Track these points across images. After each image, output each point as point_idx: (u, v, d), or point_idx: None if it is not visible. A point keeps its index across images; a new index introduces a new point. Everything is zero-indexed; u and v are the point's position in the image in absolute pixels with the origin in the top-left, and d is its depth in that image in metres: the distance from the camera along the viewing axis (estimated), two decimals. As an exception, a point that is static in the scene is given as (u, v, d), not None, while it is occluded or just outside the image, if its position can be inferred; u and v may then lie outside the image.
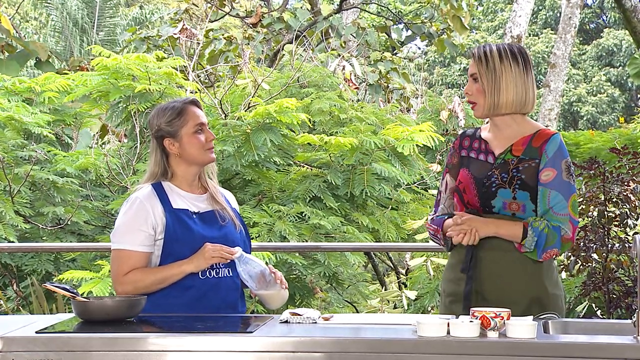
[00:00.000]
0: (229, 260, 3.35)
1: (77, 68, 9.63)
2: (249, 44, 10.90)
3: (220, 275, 3.39)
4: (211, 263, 3.32)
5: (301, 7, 12.97)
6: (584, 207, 4.95)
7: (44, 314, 5.57)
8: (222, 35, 11.36)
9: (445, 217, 3.44)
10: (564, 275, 5.36)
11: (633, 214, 4.91)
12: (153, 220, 3.36)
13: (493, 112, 3.37)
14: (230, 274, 3.42)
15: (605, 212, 4.90)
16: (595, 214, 4.93)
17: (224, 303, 3.39)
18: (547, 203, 3.29)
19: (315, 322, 3.01)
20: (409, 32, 13.67)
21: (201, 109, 3.50)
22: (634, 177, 4.95)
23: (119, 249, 3.37)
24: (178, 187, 3.45)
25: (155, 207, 3.37)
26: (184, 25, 9.75)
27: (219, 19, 13.17)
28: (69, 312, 4.55)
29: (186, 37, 9.52)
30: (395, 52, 13.77)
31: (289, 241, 6.26)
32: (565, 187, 3.31)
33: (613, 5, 26.95)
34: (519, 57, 3.37)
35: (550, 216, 3.28)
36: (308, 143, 7.02)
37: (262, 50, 11.57)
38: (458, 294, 3.36)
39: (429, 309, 6.25)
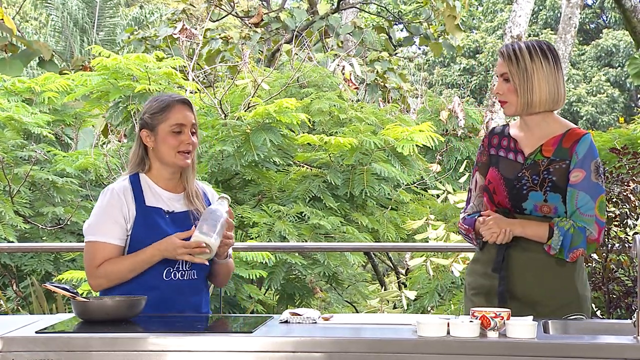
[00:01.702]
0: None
1: (80, 68, 9.63)
2: (245, 43, 10.89)
3: (185, 278, 3.33)
4: (175, 256, 3.25)
5: (298, 7, 12.96)
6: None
7: (44, 314, 5.57)
8: (219, 35, 11.35)
9: (477, 216, 3.43)
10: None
11: (633, 214, 4.91)
12: (125, 213, 3.31)
13: (526, 111, 3.35)
14: (196, 276, 3.36)
15: (605, 212, 4.90)
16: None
17: (188, 305, 3.32)
18: (575, 204, 3.29)
19: (315, 322, 3.00)
20: (407, 34, 13.67)
21: (191, 111, 3.42)
22: (633, 177, 4.95)
23: (92, 241, 3.31)
24: (155, 182, 3.39)
25: (128, 201, 3.32)
26: (183, 25, 9.76)
27: (221, 19, 13.17)
28: (68, 312, 4.55)
29: (186, 37, 9.53)
30: (395, 52, 13.77)
31: (288, 241, 6.26)
32: (594, 189, 3.30)
33: (613, 5, 26.96)
34: (548, 53, 3.34)
35: (576, 217, 3.28)
36: (308, 143, 7.02)
37: (260, 50, 11.57)
38: (483, 288, 3.37)
39: (429, 309, 6.25)
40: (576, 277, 3.34)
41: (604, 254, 4.89)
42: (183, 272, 3.33)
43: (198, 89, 7.62)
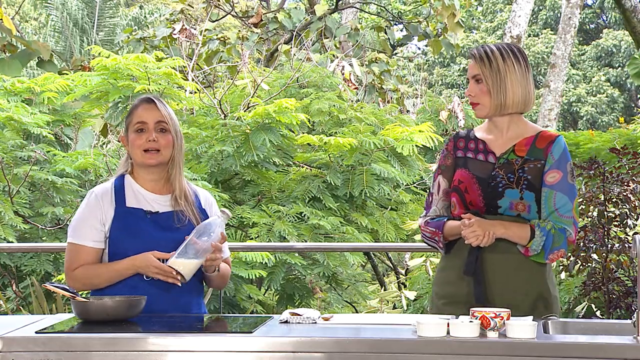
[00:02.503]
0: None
1: (79, 68, 9.62)
2: (242, 44, 10.89)
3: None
4: (148, 273, 3.24)
5: (295, 7, 12.95)
6: (584, 207, 4.95)
7: (44, 314, 5.57)
8: (216, 35, 11.35)
9: (444, 219, 3.40)
10: (563, 275, 5.36)
11: (633, 214, 4.91)
12: (102, 217, 3.32)
13: (498, 113, 3.35)
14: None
15: (605, 212, 4.91)
16: (595, 214, 4.93)
17: (174, 306, 3.30)
18: (553, 205, 3.28)
19: (315, 322, 3.00)
20: (406, 33, 13.67)
21: (157, 109, 3.36)
22: (633, 177, 4.96)
23: (71, 242, 3.33)
24: (140, 184, 3.39)
25: (106, 204, 3.33)
26: (183, 25, 9.75)
27: (220, 19, 13.17)
28: (68, 312, 4.55)
29: (185, 37, 9.53)
30: (395, 52, 13.77)
31: (288, 241, 6.26)
32: (571, 190, 3.31)
33: (613, 5, 26.97)
34: (519, 56, 3.36)
35: (555, 218, 3.28)
36: (307, 143, 7.02)
37: (258, 50, 11.57)
38: (455, 296, 3.34)
39: (429, 309, 6.25)
40: (547, 277, 3.34)
41: (604, 254, 4.89)
42: None
43: (198, 89, 7.62)
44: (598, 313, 5.08)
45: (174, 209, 3.37)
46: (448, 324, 2.75)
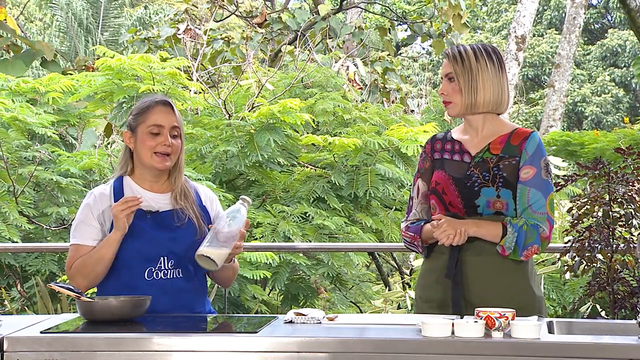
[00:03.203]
0: (137, 207, 3.23)
1: (83, 68, 9.64)
2: (246, 44, 10.89)
3: (168, 277, 3.32)
4: (124, 220, 3.21)
5: (300, 7, 12.95)
6: (588, 207, 4.94)
7: (49, 314, 5.58)
8: (220, 35, 11.36)
9: (422, 223, 3.40)
10: (567, 275, 5.35)
11: (638, 214, 4.90)
12: (101, 217, 3.33)
13: (470, 111, 3.35)
14: (181, 274, 3.33)
15: (610, 213, 4.89)
16: (600, 214, 4.92)
17: (176, 305, 3.30)
18: (527, 201, 3.27)
19: (320, 323, 3.00)
20: (410, 32, 13.67)
21: (173, 113, 3.37)
22: (638, 178, 4.94)
23: (72, 243, 3.36)
24: (138, 184, 3.39)
25: (105, 205, 3.34)
26: (187, 25, 9.76)
27: (224, 19, 13.18)
28: (73, 312, 4.55)
29: (190, 37, 9.53)
30: (399, 52, 13.77)
31: (292, 241, 6.26)
32: (544, 186, 3.30)
33: (618, 5, 26.92)
34: (493, 56, 3.35)
35: (528, 214, 3.27)
36: (312, 144, 7.02)
37: (262, 50, 11.57)
38: (436, 299, 3.33)
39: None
40: (530, 278, 3.33)
41: (608, 254, 4.88)
42: (166, 272, 3.32)
43: (202, 89, 7.62)
44: (603, 313, 5.08)
45: (173, 207, 3.37)
46: (453, 324, 2.75)
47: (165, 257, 3.31)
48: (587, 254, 4.90)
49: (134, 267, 3.30)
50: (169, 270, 3.32)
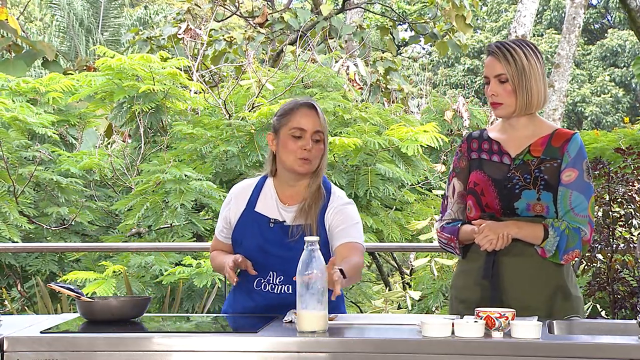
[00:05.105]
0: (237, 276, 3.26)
1: (84, 68, 9.64)
2: (248, 44, 10.90)
3: (275, 292, 3.28)
4: (231, 272, 3.20)
5: (302, 7, 12.96)
6: (589, 207, 4.93)
7: (49, 314, 5.58)
8: (223, 36, 11.36)
9: (459, 224, 3.34)
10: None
11: (638, 214, 4.90)
12: (229, 215, 3.36)
13: (523, 112, 3.28)
14: (290, 291, 3.25)
15: (610, 213, 4.90)
16: (600, 214, 4.92)
17: None
18: (569, 204, 3.22)
19: (320, 322, 3.00)
20: (413, 33, 13.67)
21: (317, 117, 3.27)
22: (638, 177, 4.95)
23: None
24: (277, 188, 3.34)
25: (238, 203, 3.35)
26: (188, 25, 9.76)
27: (225, 19, 13.18)
28: (73, 312, 4.55)
29: (190, 37, 9.53)
30: (400, 52, 13.78)
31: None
32: (586, 188, 3.24)
33: (618, 5, 26.92)
34: (537, 53, 3.29)
35: (570, 217, 3.22)
36: (312, 143, 7.01)
37: (264, 51, 11.57)
38: (473, 301, 3.27)
39: (433, 309, 6.25)
40: (567, 279, 3.28)
41: (608, 254, 4.88)
42: (273, 286, 3.29)
43: (202, 89, 7.62)
44: (603, 313, 5.08)
45: (297, 222, 3.28)
46: (453, 324, 2.75)
47: (275, 273, 3.29)
48: (587, 254, 4.90)
49: (248, 275, 3.28)
50: (277, 286, 3.29)
